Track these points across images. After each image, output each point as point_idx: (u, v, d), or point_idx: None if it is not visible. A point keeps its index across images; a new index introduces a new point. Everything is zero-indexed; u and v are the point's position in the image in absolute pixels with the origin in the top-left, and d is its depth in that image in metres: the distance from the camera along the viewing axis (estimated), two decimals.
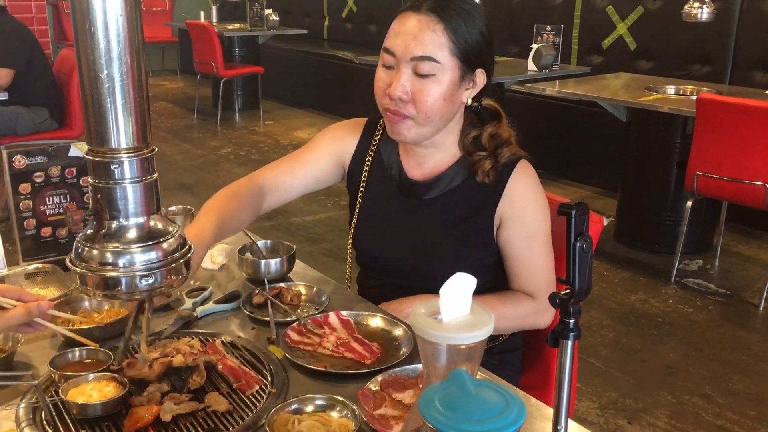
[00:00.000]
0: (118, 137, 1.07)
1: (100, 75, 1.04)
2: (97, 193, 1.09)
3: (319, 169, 1.65)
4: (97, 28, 1.02)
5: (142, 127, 1.09)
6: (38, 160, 1.65)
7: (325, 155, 1.66)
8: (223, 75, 7.18)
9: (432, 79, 1.41)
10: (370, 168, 1.63)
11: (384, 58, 1.46)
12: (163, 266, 1.11)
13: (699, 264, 4.06)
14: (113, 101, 1.05)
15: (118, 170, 1.08)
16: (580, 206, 0.86)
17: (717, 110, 3.42)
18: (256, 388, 1.23)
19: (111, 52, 1.03)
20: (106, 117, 1.06)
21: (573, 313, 0.89)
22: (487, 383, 0.73)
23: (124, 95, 1.06)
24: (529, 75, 4.88)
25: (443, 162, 1.55)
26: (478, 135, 1.52)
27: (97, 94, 1.05)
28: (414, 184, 1.58)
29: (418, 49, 1.40)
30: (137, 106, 1.07)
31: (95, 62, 1.03)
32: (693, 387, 2.89)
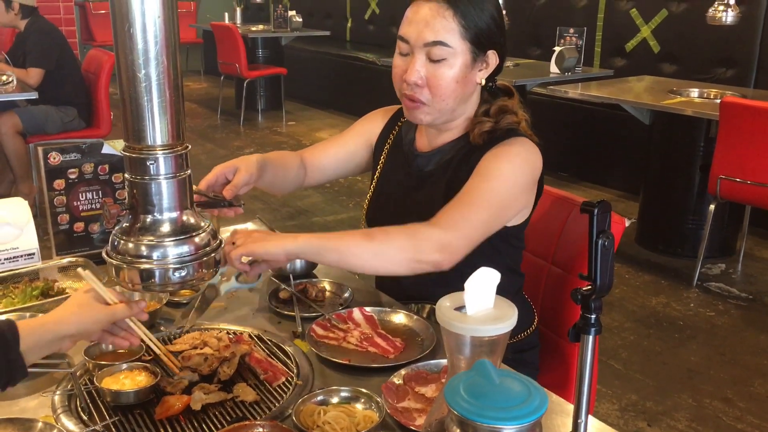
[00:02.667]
0: (154, 134, 1.11)
1: (138, 74, 1.08)
2: (133, 189, 1.13)
3: (353, 152, 1.75)
4: (135, 29, 1.06)
5: (177, 125, 1.13)
6: (72, 157, 1.71)
7: (358, 138, 1.75)
8: (247, 76, 7.25)
9: (444, 63, 1.46)
10: (390, 146, 1.70)
11: (399, 45, 1.51)
12: (195, 259, 1.15)
13: (721, 268, 4.04)
14: (150, 100, 1.09)
15: (153, 166, 1.12)
16: (602, 204, 0.88)
17: (741, 114, 3.40)
18: (282, 380, 1.26)
19: (148, 53, 1.08)
20: (143, 115, 1.10)
21: (594, 309, 0.91)
22: (509, 373, 0.76)
23: (160, 94, 1.10)
24: (552, 77, 4.88)
25: (450, 138, 1.59)
26: (489, 108, 1.55)
27: (135, 93, 1.09)
28: (418, 156, 1.63)
29: (430, 35, 1.45)
30: (173, 104, 1.11)
31: (134, 62, 1.07)
32: (714, 390, 2.88)
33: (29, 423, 1.10)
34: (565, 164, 5.64)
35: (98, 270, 1.63)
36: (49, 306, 1.46)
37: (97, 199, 1.75)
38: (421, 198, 1.59)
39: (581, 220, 1.78)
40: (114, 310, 1.15)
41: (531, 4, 6.22)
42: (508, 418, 0.69)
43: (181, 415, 1.16)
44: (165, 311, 1.51)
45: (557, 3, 6.05)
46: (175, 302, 1.55)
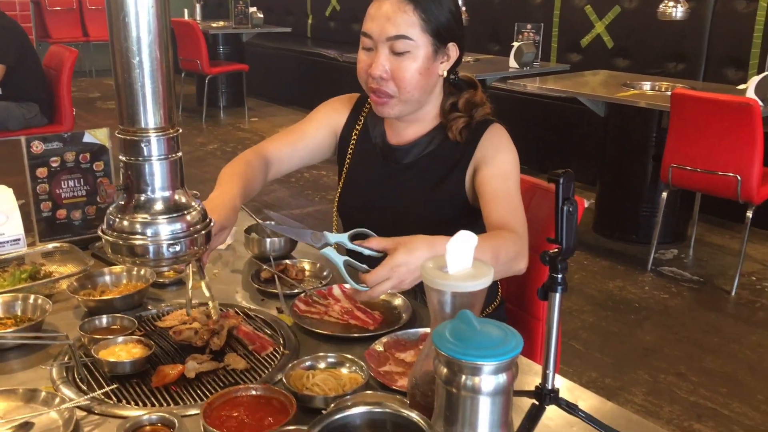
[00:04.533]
0: (147, 118, 1.18)
1: (133, 61, 1.14)
2: (128, 169, 1.20)
3: (317, 142, 1.77)
4: (130, 18, 1.12)
5: (169, 109, 1.19)
6: (54, 145, 1.75)
7: (321, 128, 1.78)
8: (208, 72, 7.25)
9: (408, 56, 1.54)
10: (357, 138, 1.76)
11: (363, 41, 1.59)
12: (187, 236, 1.22)
13: (674, 253, 4.22)
14: (143, 85, 1.16)
15: (147, 148, 1.18)
16: (567, 174, 0.98)
17: (691, 105, 3.57)
18: (270, 350, 1.34)
19: (141, 41, 1.14)
20: (137, 100, 1.16)
21: (561, 270, 1.01)
22: (488, 321, 0.85)
23: (153, 80, 1.16)
24: (511, 72, 5.02)
25: (422, 130, 1.68)
26: (456, 101, 1.65)
27: (129, 78, 1.15)
28: (394, 149, 1.70)
29: (392, 30, 1.53)
30: (165, 89, 1.18)
31: (128, 49, 1.13)
32: (668, 367, 3.04)
33: (32, 393, 1.16)
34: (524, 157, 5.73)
35: (83, 254, 1.68)
36: (38, 288, 1.52)
37: (78, 186, 1.79)
38: (400, 189, 1.67)
39: (543, 202, 1.89)
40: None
41: (489, 0, 6.36)
42: (488, 356, 0.78)
43: (174, 385, 1.23)
44: (152, 291, 1.57)
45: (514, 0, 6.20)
46: (161, 283, 1.61)
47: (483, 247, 1.38)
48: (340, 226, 1.83)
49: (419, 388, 0.97)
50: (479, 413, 0.80)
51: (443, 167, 1.64)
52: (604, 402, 1.24)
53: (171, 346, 1.35)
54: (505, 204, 1.54)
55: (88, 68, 10.01)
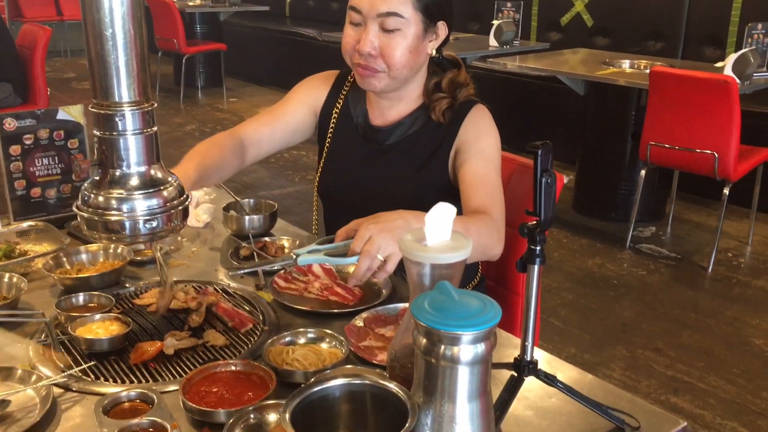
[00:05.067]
0: (121, 91, 1.16)
1: (105, 33, 1.12)
2: (102, 144, 1.18)
3: (296, 121, 1.74)
4: None
5: (143, 83, 1.18)
6: (27, 123, 1.72)
7: (301, 107, 1.75)
8: (185, 52, 7.16)
9: (398, 34, 1.52)
10: (337, 117, 1.73)
11: (351, 15, 1.56)
12: (163, 212, 1.21)
13: (652, 230, 4.26)
14: (116, 58, 1.14)
15: (121, 122, 1.16)
16: (545, 145, 0.98)
17: (669, 82, 3.59)
18: (249, 327, 1.33)
19: (114, 12, 1.12)
20: (110, 72, 1.14)
21: (539, 241, 1.01)
22: (467, 292, 0.85)
23: (126, 52, 1.14)
24: (491, 51, 5.01)
25: (405, 111, 1.67)
26: (439, 81, 1.64)
27: (102, 51, 1.13)
28: (376, 130, 1.68)
29: (384, 6, 1.50)
30: (139, 62, 1.16)
31: (101, 21, 1.11)
32: (646, 342, 3.07)
33: (8, 370, 1.14)
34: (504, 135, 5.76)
35: (59, 233, 1.66)
36: (13, 267, 1.50)
37: (53, 164, 1.76)
38: (382, 170, 1.66)
39: (523, 179, 1.89)
40: None
41: None
42: (467, 326, 0.78)
43: (155, 360, 1.22)
44: (130, 269, 1.55)
45: None
46: (138, 261, 1.59)
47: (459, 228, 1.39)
48: (320, 207, 1.82)
49: (398, 361, 0.97)
50: (458, 383, 0.80)
51: (426, 149, 1.63)
52: (582, 374, 1.25)
53: (149, 324, 1.34)
54: (485, 189, 1.54)
55: (63, 48, 9.84)
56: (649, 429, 1.07)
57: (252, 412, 1.02)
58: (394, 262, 1.24)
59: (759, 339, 3.09)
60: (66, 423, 1.06)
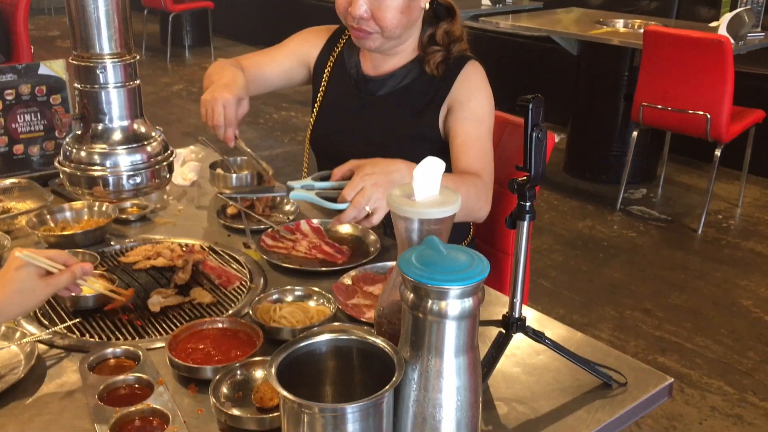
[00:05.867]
0: (102, 43, 1.13)
1: None
2: (84, 98, 1.15)
3: (286, 68, 1.75)
4: None
5: (125, 34, 1.14)
6: (8, 78, 1.68)
7: (292, 55, 1.76)
8: (172, 10, 7.03)
9: None
10: (331, 69, 1.72)
11: None
12: (147, 167, 1.19)
13: (643, 192, 4.26)
14: (97, 8, 1.11)
15: (103, 75, 1.13)
16: (537, 99, 0.96)
17: (663, 42, 3.55)
18: (236, 284, 1.32)
19: None
20: (90, 22, 1.11)
21: (529, 197, 1.00)
22: (455, 246, 0.83)
23: (107, 2, 1.11)
24: (483, 9, 4.94)
25: (399, 63, 1.65)
26: (434, 33, 1.61)
27: (83, 1, 1.09)
28: (369, 80, 1.67)
29: None
30: (120, 12, 1.12)
31: None
32: (634, 303, 3.09)
33: None
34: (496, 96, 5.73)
35: (43, 190, 1.63)
36: None
37: (36, 121, 1.73)
38: (374, 121, 1.64)
39: (513, 138, 1.87)
40: (57, 283, 1.05)
41: None
42: (454, 280, 0.77)
43: (141, 318, 1.21)
44: (115, 227, 1.53)
45: None
46: (123, 219, 1.57)
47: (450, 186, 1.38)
48: (312, 161, 1.80)
49: (386, 317, 0.96)
50: (445, 337, 0.79)
51: (418, 101, 1.61)
52: (571, 331, 1.25)
53: (135, 281, 1.32)
54: (475, 151, 1.54)
55: (47, 6, 9.65)
56: (636, 385, 1.08)
57: (238, 369, 1.01)
58: (379, 216, 1.25)
59: (747, 300, 3.11)
60: (51, 380, 1.05)
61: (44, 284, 1.04)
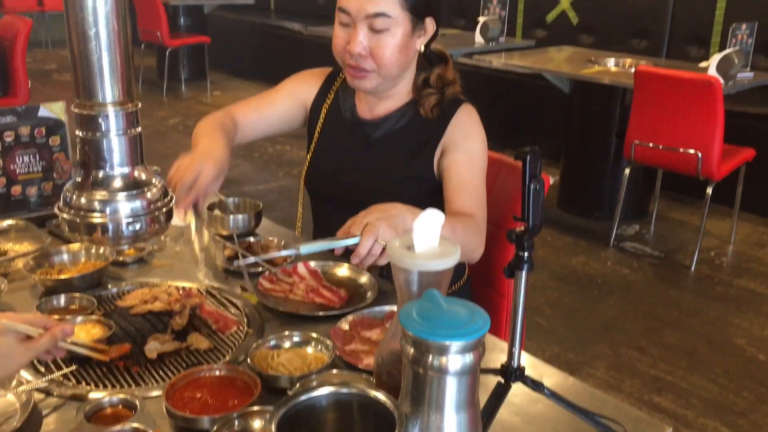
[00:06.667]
0: (105, 91, 1.14)
1: (89, 32, 1.10)
2: (85, 145, 1.16)
3: (284, 111, 1.76)
4: None
5: (127, 83, 1.16)
6: (8, 119, 1.69)
7: (290, 98, 1.77)
8: (169, 44, 7.09)
9: (387, 34, 1.52)
10: (327, 111, 1.74)
11: (340, 17, 1.56)
12: (147, 214, 1.19)
13: (636, 229, 4.28)
14: (100, 57, 1.12)
15: (104, 123, 1.14)
16: (534, 151, 0.97)
17: (654, 82, 3.60)
18: (234, 329, 1.32)
19: (98, 11, 1.10)
20: (94, 72, 1.12)
21: (527, 248, 1.01)
22: (455, 300, 0.84)
23: (110, 52, 1.12)
24: (476, 47, 5.00)
25: (394, 106, 1.67)
26: (427, 76, 1.64)
27: (86, 50, 1.11)
28: (363, 123, 1.69)
29: (371, 7, 1.50)
30: (123, 62, 1.14)
31: (84, 20, 1.09)
32: (629, 341, 3.09)
33: None
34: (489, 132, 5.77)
35: (40, 232, 1.64)
36: None
37: (34, 162, 1.73)
38: (369, 163, 1.66)
39: (509, 179, 1.89)
40: (37, 347, 1.04)
41: None
42: (455, 336, 0.77)
43: (138, 364, 1.21)
44: (112, 270, 1.53)
45: None
46: (120, 261, 1.57)
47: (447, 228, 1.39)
48: (306, 200, 1.81)
49: (385, 367, 0.96)
50: (446, 393, 0.79)
51: (413, 144, 1.63)
52: (568, 378, 1.25)
53: (132, 326, 1.32)
54: (469, 193, 1.55)
55: (44, 39, 9.72)
56: None
57: (236, 419, 1.01)
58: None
59: (740, 338, 3.12)
60: (47, 429, 1.04)
61: (24, 349, 1.03)
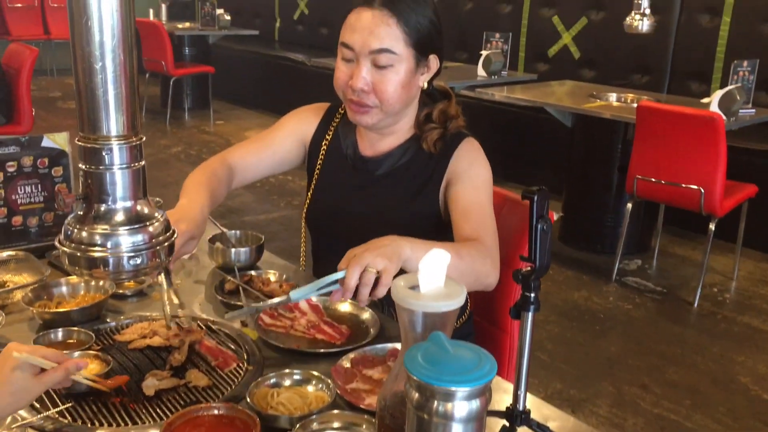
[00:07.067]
0: (109, 125, 1.13)
1: (95, 66, 1.10)
2: (88, 178, 1.15)
3: (284, 150, 1.74)
4: (93, 22, 1.08)
5: (132, 117, 1.15)
6: (11, 150, 1.68)
7: (289, 136, 1.74)
8: (173, 74, 7.14)
9: (390, 70, 1.51)
10: (327, 148, 1.72)
11: (343, 52, 1.55)
12: (148, 248, 1.17)
13: (638, 264, 4.26)
14: (106, 91, 1.11)
15: (108, 156, 1.13)
16: (541, 191, 0.97)
17: (655, 117, 3.61)
18: (233, 366, 1.30)
19: (105, 45, 1.10)
20: (99, 106, 1.12)
21: (534, 288, 0.99)
22: (461, 343, 0.82)
23: (116, 86, 1.12)
24: (479, 81, 5.04)
25: (396, 142, 1.66)
26: (430, 112, 1.64)
27: (91, 84, 1.11)
28: (366, 160, 1.67)
29: (375, 43, 1.49)
30: (128, 96, 1.13)
31: (91, 54, 1.09)
32: (632, 378, 3.05)
33: None
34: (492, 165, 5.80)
35: (39, 263, 1.62)
36: None
37: (36, 192, 1.73)
38: (372, 201, 1.64)
39: (512, 215, 1.88)
40: (50, 380, 1.06)
41: (458, 9, 6.38)
42: (462, 381, 0.75)
43: (135, 402, 1.18)
44: (111, 303, 1.52)
45: (483, 9, 6.23)
46: (120, 294, 1.55)
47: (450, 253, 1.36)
48: (308, 236, 1.80)
49: (388, 410, 0.94)
50: None
51: (417, 180, 1.62)
52: (576, 423, 1.22)
53: (130, 362, 1.30)
54: (477, 217, 1.52)
55: (49, 67, 9.79)
56: None
57: None
58: (390, 273, 1.21)
59: (744, 377, 3.08)
60: None
61: (37, 382, 1.05)
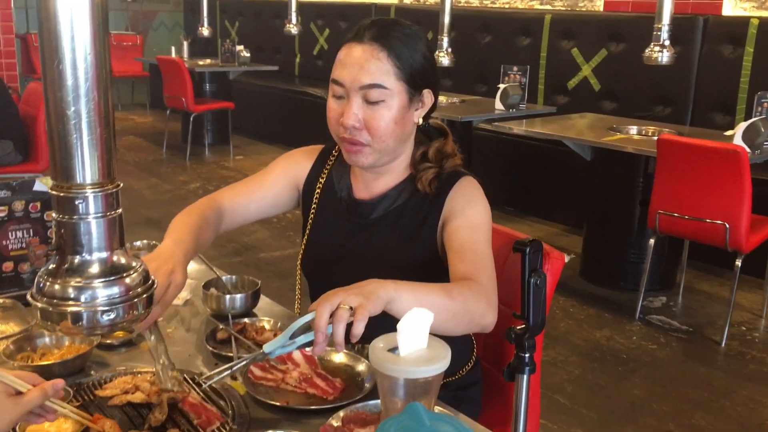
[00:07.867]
0: (84, 173, 1.08)
1: (67, 111, 1.05)
2: (61, 228, 1.09)
3: (275, 193, 1.67)
4: (65, 65, 1.03)
5: (108, 163, 1.10)
6: (2, 194, 1.65)
7: (281, 179, 1.68)
8: (194, 110, 7.19)
9: (382, 105, 1.46)
10: (321, 191, 1.66)
11: (333, 89, 1.50)
12: (124, 301, 1.11)
13: (662, 301, 4.13)
14: (79, 137, 1.06)
15: (82, 205, 1.08)
16: (534, 243, 0.89)
17: (677, 151, 3.51)
18: (217, 425, 1.22)
19: (78, 89, 1.04)
20: (72, 153, 1.06)
21: (528, 348, 0.91)
22: (441, 416, 0.74)
23: (90, 131, 1.06)
24: (497, 114, 4.97)
25: (391, 183, 1.59)
26: (425, 150, 1.57)
27: (64, 131, 1.05)
28: (360, 204, 1.61)
29: (366, 78, 1.44)
30: (103, 142, 1.08)
31: (63, 99, 1.04)
32: (656, 423, 2.91)
33: None
34: (510, 199, 5.73)
35: (26, 311, 1.57)
36: None
37: (27, 237, 1.69)
38: (367, 245, 1.58)
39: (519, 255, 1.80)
40: (28, 401, 1.03)
41: (476, 42, 6.35)
42: None
43: None
44: (96, 354, 1.46)
45: (501, 42, 6.20)
46: (107, 344, 1.49)
47: (441, 294, 1.27)
48: (304, 283, 1.73)
49: None
50: None
51: (412, 221, 1.56)
52: None
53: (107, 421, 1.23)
54: (472, 257, 1.44)
55: None
56: None
57: None
58: (366, 309, 1.10)
59: None
60: None
61: (14, 403, 1.00)
